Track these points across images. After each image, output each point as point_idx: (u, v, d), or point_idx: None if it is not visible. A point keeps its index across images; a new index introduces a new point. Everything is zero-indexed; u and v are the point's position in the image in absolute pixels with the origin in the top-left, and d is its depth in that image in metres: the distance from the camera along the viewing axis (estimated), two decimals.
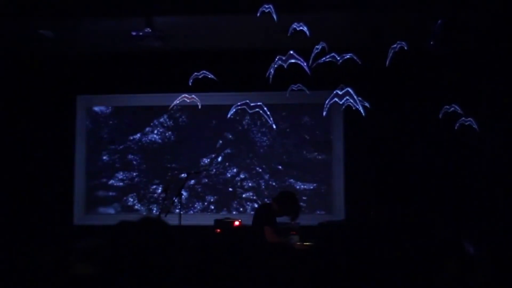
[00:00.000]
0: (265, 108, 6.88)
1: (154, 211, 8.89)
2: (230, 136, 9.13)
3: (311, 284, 3.13)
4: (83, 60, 8.88)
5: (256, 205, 8.70)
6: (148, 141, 9.25)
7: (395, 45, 6.40)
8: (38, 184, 8.96)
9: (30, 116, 9.10)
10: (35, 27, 7.69)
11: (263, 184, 9.03)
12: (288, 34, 6.25)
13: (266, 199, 8.60)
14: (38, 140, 9.06)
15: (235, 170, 9.11)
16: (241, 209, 9.05)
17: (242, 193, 9.07)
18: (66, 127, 9.14)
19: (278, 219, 6.75)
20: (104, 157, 9.28)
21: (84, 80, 9.11)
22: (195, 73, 6.89)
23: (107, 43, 8.28)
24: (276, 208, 6.54)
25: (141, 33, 7.10)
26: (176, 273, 2.57)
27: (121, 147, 9.29)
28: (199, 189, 9.11)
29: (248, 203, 9.04)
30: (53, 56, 8.83)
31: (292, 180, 8.99)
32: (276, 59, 6.22)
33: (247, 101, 6.75)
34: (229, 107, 6.98)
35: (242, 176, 9.10)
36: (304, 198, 8.81)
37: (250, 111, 6.79)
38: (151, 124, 9.27)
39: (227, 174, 9.11)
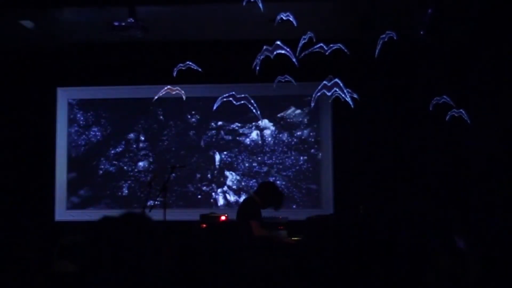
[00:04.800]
0: (252, 100, 6.77)
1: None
2: (215, 128, 8.99)
3: (299, 279, 3.05)
4: (64, 51, 8.74)
5: (241, 200, 8.57)
6: (131, 133, 9.10)
7: (384, 35, 6.28)
8: (18, 179, 8.78)
9: (10, 109, 8.93)
10: (16, 18, 7.50)
11: (249, 177, 8.91)
12: (275, 24, 6.10)
13: (247, 194, 8.48)
14: (18, 134, 8.90)
15: (221, 163, 8.98)
16: (227, 203, 8.94)
17: (229, 187, 8.94)
18: (46, 120, 9.00)
19: (266, 215, 6.63)
20: (86, 152, 9.12)
21: (65, 72, 8.98)
22: (180, 64, 6.74)
23: (88, 34, 8.13)
24: (259, 201, 6.43)
25: (123, 23, 6.93)
26: (161, 269, 2.48)
27: (103, 140, 9.13)
28: (184, 183, 8.96)
29: (234, 197, 8.93)
30: (33, 48, 8.65)
31: (279, 173, 8.87)
32: (263, 50, 6.08)
33: (233, 93, 6.63)
34: (214, 99, 6.86)
35: (227, 169, 8.98)
36: (291, 192, 8.71)
37: (236, 103, 6.66)
38: (134, 115, 9.12)
39: (212, 167, 8.97)
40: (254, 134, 8.98)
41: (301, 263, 3.23)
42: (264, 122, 8.85)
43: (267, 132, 8.96)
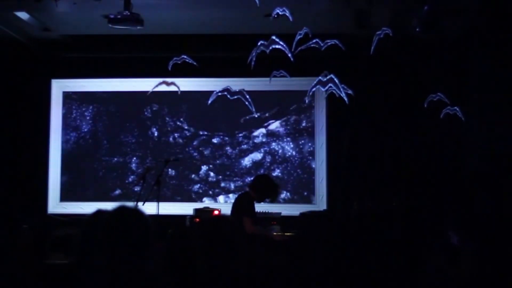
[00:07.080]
0: (247, 95, 6.76)
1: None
2: (210, 122, 8.97)
3: (291, 274, 3.06)
4: (58, 43, 8.71)
5: (235, 195, 8.57)
6: (126, 126, 9.07)
7: (380, 32, 6.26)
8: (11, 172, 8.74)
9: (3, 101, 8.90)
10: (11, 9, 7.46)
11: (243, 173, 8.91)
12: (271, 19, 6.08)
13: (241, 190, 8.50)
14: (11, 125, 8.88)
15: (215, 157, 8.97)
16: (220, 198, 8.95)
17: (223, 182, 8.95)
18: (40, 111, 8.98)
19: (260, 209, 6.64)
20: (80, 144, 9.09)
21: (59, 63, 8.96)
22: (175, 58, 6.72)
23: (83, 26, 8.07)
24: (254, 194, 6.43)
25: (118, 16, 6.89)
26: (153, 262, 2.50)
27: (97, 133, 9.12)
28: (178, 177, 8.95)
29: (228, 192, 8.93)
30: (27, 39, 8.59)
31: (273, 169, 8.87)
32: (258, 45, 6.06)
33: (228, 87, 6.62)
34: (209, 93, 6.85)
35: (221, 164, 8.97)
36: (285, 187, 8.72)
37: (231, 98, 6.65)
38: (129, 108, 9.08)
39: (206, 162, 8.97)
40: (248, 129, 8.98)
41: (295, 258, 3.23)
42: (259, 118, 8.83)
43: (261, 128, 8.95)
